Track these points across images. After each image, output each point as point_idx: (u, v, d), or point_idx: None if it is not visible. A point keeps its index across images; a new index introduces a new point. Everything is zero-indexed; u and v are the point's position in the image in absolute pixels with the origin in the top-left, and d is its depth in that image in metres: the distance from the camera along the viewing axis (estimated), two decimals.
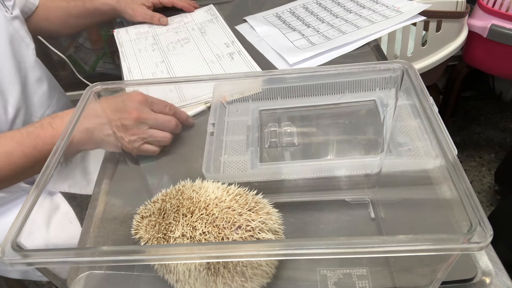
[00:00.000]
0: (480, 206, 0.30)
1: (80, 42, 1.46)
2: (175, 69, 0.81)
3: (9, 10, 0.76)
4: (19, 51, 0.75)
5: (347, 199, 0.53)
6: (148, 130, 0.59)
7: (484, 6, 1.17)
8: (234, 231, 0.41)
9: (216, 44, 0.86)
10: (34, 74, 0.78)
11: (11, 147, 0.59)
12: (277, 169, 0.55)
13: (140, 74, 0.81)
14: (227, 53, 0.83)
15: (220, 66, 0.80)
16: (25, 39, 0.78)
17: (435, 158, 0.36)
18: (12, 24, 0.75)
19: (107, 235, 0.51)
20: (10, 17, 0.75)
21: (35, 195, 0.36)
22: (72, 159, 0.76)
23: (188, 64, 0.82)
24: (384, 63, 0.46)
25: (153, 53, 0.86)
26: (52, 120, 0.61)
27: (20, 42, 0.76)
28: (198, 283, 0.42)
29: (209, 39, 0.88)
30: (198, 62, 0.82)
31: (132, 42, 0.90)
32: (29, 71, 0.77)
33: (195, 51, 0.85)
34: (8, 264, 0.32)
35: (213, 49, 0.85)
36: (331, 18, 0.89)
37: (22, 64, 0.76)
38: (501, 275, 0.44)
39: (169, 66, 0.82)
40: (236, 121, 0.63)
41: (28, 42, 0.79)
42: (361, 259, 0.45)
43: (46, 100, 0.81)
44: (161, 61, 0.83)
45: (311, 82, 0.61)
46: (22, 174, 0.62)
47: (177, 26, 0.94)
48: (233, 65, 0.80)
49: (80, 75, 1.07)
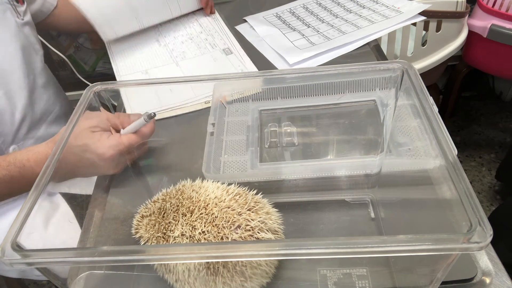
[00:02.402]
0: (480, 206, 0.30)
1: (80, 42, 1.46)
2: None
3: (21, 15, 0.76)
4: (29, 57, 0.76)
5: (347, 199, 0.53)
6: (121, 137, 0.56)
7: (484, 6, 1.17)
8: (234, 231, 0.41)
9: (213, 44, 0.86)
10: (41, 80, 0.79)
11: (5, 187, 0.60)
12: (277, 169, 0.55)
13: (130, 74, 0.81)
14: (221, 49, 0.83)
15: (216, 67, 0.80)
16: (34, 45, 0.79)
17: (435, 158, 0.36)
18: (22, 30, 0.76)
19: (108, 235, 0.51)
20: (21, 23, 0.76)
21: (35, 195, 0.36)
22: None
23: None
24: (384, 63, 0.46)
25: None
26: (27, 162, 0.60)
27: (30, 48, 0.77)
28: (198, 282, 0.42)
29: (205, 39, 0.88)
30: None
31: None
32: (37, 77, 0.78)
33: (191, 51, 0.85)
34: (8, 264, 0.32)
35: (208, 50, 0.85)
36: (331, 18, 0.89)
37: (31, 70, 0.77)
38: (501, 275, 0.44)
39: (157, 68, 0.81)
40: (236, 121, 0.63)
41: (37, 49, 0.80)
42: (361, 259, 0.45)
43: (50, 106, 0.81)
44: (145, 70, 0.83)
45: (311, 82, 0.61)
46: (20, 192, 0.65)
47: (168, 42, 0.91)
48: (228, 61, 0.80)
49: (80, 75, 1.07)
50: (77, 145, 0.52)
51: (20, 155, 0.60)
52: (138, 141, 0.56)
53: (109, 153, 0.54)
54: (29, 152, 0.60)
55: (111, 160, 0.55)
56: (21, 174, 0.59)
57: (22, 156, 0.60)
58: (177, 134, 0.66)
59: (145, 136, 0.57)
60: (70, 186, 0.78)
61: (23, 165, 0.59)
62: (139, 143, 0.57)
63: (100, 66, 1.51)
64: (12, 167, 0.59)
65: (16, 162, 0.59)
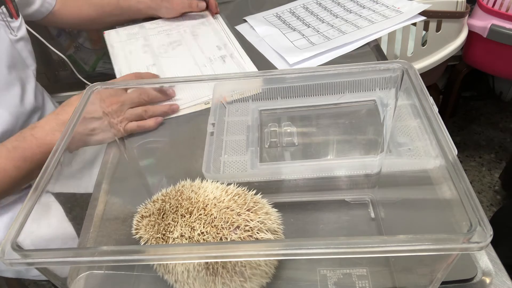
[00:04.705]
0: (480, 206, 0.30)
1: (80, 42, 1.46)
2: (167, 72, 0.80)
3: (14, 31, 0.76)
4: (20, 74, 0.75)
5: (347, 199, 0.53)
6: (128, 110, 0.64)
7: (484, 6, 1.17)
8: (233, 231, 0.41)
9: (208, 47, 0.85)
10: (30, 101, 0.78)
11: (2, 163, 0.60)
12: (277, 169, 0.55)
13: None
14: (218, 56, 0.82)
15: (212, 69, 0.79)
16: (26, 60, 0.79)
17: (435, 158, 0.36)
18: (15, 46, 0.75)
19: (109, 235, 0.51)
20: (15, 40, 0.75)
21: (35, 195, 0.36)
22: (72, 160, 0.77)
23: (179, 68, 0.81)
24: (384, 63, 0.46)
25: (144, 55, 0.85)
26: (33, 131, 0.62)
27: (22, 65, 0.77)
28: (197, 283, 0.42)
29: (200, 41, 0.87)
30: (189, 66, 0.81)
31: (123, 43, 0.89)
32: (27, 94, 0.77)
33: (186, 54, 0.84)
34: (8, 264, 0.31)
35: (205, 52, 0.84)
36: (331, 18, 0.89)
37: (24, 88, 0.76)
38: (501, 275, 0.44)
39: (160, 69, 0.80)
40: (236, 121, 0.63)
41: (29, 63, 0.79)
42: (361, 259, 0.45)
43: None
44: (152, 64, 0.82)
45: (311, 82, 0.61)
46: (17, 186, 0.64)
47: (169, 28, 0.93)
48: (225, 68, 0.79)
49: (80, 75, 1.07)
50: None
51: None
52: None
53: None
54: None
55: (114, 91, 0.60)
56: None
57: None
58: (177, 134, 0.66)
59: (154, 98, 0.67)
60: (70, 186, 0.78)
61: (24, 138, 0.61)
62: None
63: (100, 66, 1.51)
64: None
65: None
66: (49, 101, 0.87)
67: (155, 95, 0.69)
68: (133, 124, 0.65)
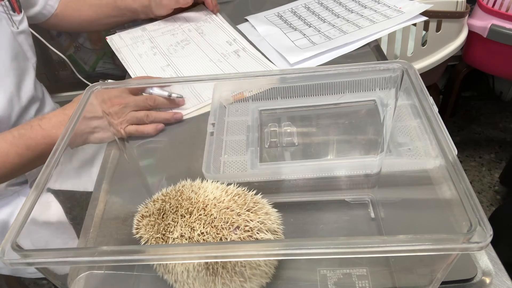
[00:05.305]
0: (480, 206, 0.30)
1: (80, 42, 1.46)
2: (183, 71, 0.80)
3: (16, 25, 0.77)
4: (20, 65, 0.76)
5: (347, 199, 0.53)
6: (130, 113, 0.64)
7: (484, 6, 1.17)
8: (233, 232, 0.41)
9: (219, 44, 0.86)
10: (30, 89, 0.79)
11: (5, 148, 0.61)
12: (277, 169, 0.55)
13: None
14: (232, 51, 0.83)
15: (229, 64, 0.80)
16: (27, 53, 0.79)
17: (435, 158, 0.36)
18: (17, 39, 0.76)
19: (109, 234, 0.51)
20: (16, 32, 0.76)
21: (35, 195, 0.36)
22: (72, 158, 0.77)
23: (195, 66, 0.81)
24: (384, 63, 0.46)
25: (155, 57, 0.84)
26: (40, 121, 0.63)
27: (23, 56, 0.77)
28: (197, 283, 0.42)
29: (209, 39, 0.88)
30: (205, 63, 0.81)
31: (129, 47, 0.88)
32: (27, 85, 0.78)
33: (198, 52, 0.84)
34: (8, 264, 0.32)
35: (217, 49, 0.84)
36: (332, 18, 0.89)
37: (22, 77, 0.77)
38: (501, 275, 0.44)
39: (176, 69, 0.80)
40: (236, 121, 0.63)
41: (30, 56, 0.80)
42: (361, 259, 0.45)
43: (38, 112, 0.81)
44: (166, 64, 0.82)
45: (311, 82, 0.61)
46: (16, 173, 0.65)
47: (172, 29, 0.93)
48: (240, 62, 0.80)
49: (80, 75, 1.07)
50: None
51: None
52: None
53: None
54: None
55: (120, 92, 0.61)
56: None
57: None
58: (177, 134, 0.66)
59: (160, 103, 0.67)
60: (69, 185, 0.78)
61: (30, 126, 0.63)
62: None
63: (100, 66, 1.51)
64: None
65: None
66: (49, 97, 0.88)
67: (162, 101, 0.68)
68: (132, 128, 0.65)
